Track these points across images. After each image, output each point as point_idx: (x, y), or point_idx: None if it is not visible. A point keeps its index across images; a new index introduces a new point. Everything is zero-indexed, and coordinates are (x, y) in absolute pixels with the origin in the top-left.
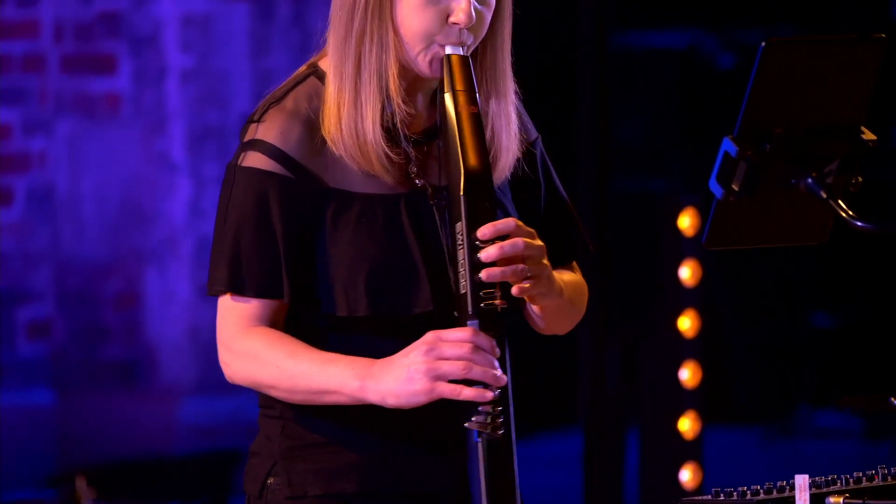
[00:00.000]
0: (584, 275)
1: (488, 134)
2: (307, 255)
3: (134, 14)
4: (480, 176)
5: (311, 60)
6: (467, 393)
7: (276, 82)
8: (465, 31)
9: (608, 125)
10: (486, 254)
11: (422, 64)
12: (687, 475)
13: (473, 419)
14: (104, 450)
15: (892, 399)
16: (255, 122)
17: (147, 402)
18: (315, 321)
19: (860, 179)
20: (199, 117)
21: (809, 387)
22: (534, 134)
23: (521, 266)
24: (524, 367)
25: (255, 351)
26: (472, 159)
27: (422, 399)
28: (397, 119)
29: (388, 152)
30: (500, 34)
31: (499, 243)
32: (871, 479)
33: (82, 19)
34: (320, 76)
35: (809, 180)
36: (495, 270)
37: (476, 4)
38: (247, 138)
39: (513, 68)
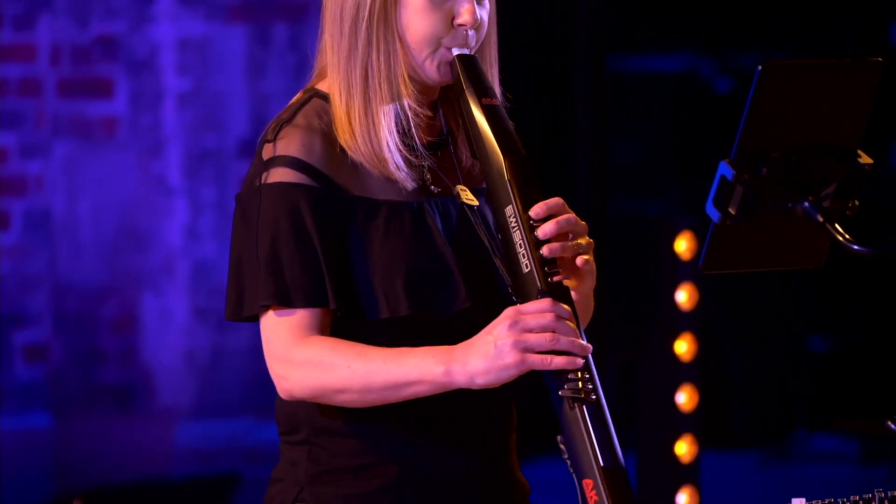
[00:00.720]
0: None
1: None
2: (344, 263)
3: (131, 38)
4: (520, 157)
5: (307, 86)
6: (558, 362)
7: (273, 105)
8: (471, 32)
9: (605, 148)
10: (544, 230)
11: (429, 69)
12: (684, 499)
13: (566, 387)
14: (101, 473)
15: (889, 423)
16: (270, 141)
17: (144, 426)
18: (356, 329)
19: (857, 203)
20: (196, 140)
21: (806, 411)
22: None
23: (575, 243)
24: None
25: (320, 357)
26: (508, 146)
27: (512, 373)
28: (412, 124)
29: (408, 156)
30: (488, 42)
31: (555, 219)
32: (868, 502)
33: (79, 43)
34: (322, 97)
35: (806, 204)
36: (556, 245)
37: (477, 7)
38: (266, 157)
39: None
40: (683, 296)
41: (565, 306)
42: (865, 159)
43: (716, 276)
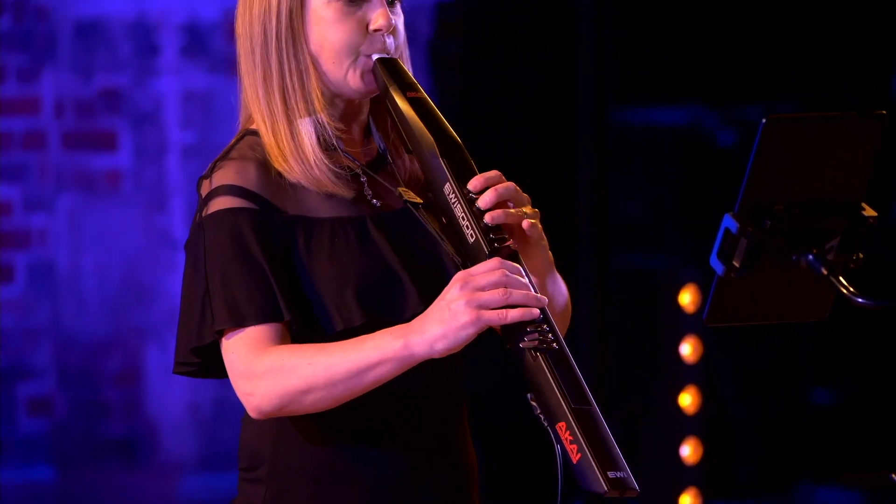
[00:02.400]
0: (583, 352)
1: None
2: (293, 280)
3: (134, 91)
4: (451, 139)
5: (240, 130)
6: (513, 314)
7: None
8: (388, 37)
9: (608, 201)
10: (484, 200)
11: (352, 80)
12: None
13: (526, 339)
14: None
15: (893, 476)
16: (206, 177)
17: (148, 479)
18: (314, 341)
19: (861, 256)
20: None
21: (810, 463)
22: None
23: (518, 210)
24: (525, 446)
25: (280, 362)
26: (437, 128)
27: (470, 332)
28: (331, 136)
29: (335, 169)
30: (404, 53)
31: (493, 188)
32: None
33: (83, 96)
34: (252, 133)
35: (810, 257)
36: (499, 212)
37: (390, 12)
38: (204, 193)
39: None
40: (688, 348)
41: (514, 264)
42: (869, 212)
43: (720, 329)
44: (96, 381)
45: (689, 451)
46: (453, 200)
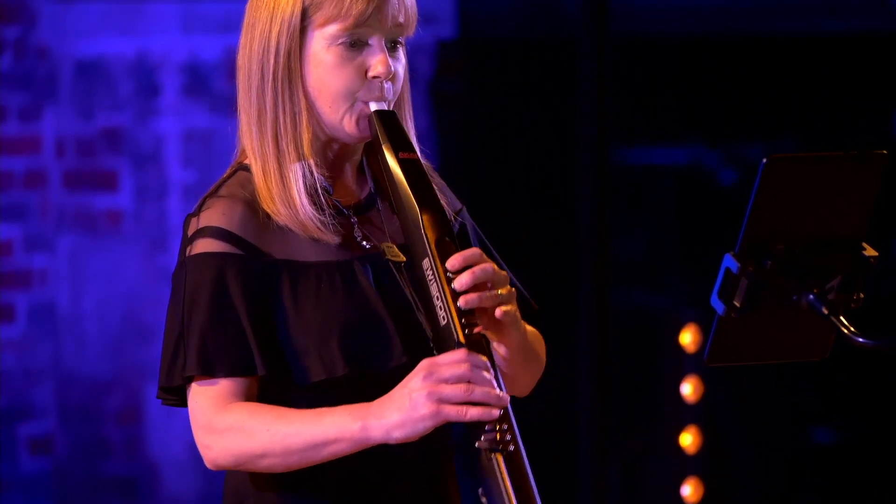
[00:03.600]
0: (584, 391)
1: None
2: (274, 328)
3: (135, 130)
4: (435, 211)
5: (234, 163)
6: (473, 413)
7: None
8: (386, 84)
9: (609, 240)
10: (460, 282)
11: (348, 126)
12: None
13: (483, 438)
14: None
15: None
16: (194, 215)
17: None
18: (288, 394)
19: (862, 296)
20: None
21: (812, 503)
22: (458, 204)
23: (494, 293)
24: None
25: (240, 422)
26: (424, 197)
27: (428, 424)
28: (317, 184)
29: (320, 216)
30: (404, 94)
31: (470, 270)
32: None
33: (84, 135)
34: (246, 169)
35: (811, 297)
36: (473, 296)
37: (390, 59)
38: (190, 232)
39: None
40: (688, 388)
41: (482, 357)
42: (870, 252)
43: (721, 369)
44: (97, 419)
45: (689, 490)
46: (430, 277)
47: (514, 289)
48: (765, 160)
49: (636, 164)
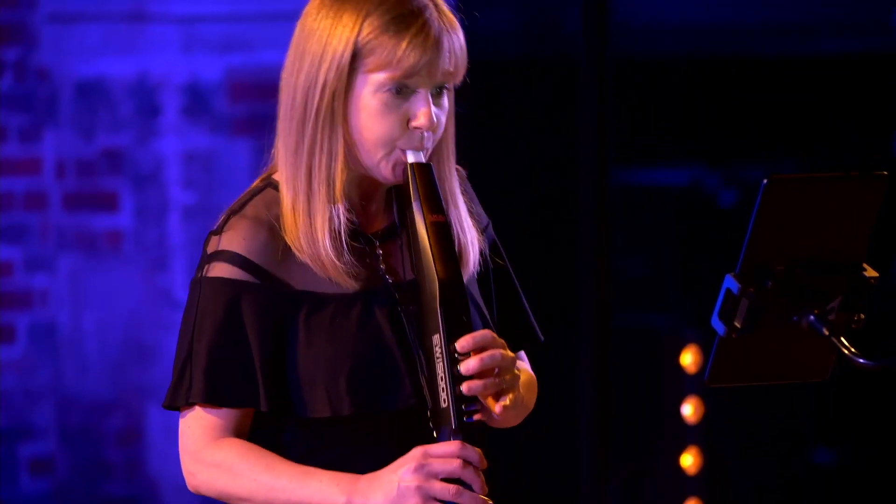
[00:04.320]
0: (584, 412)
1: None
2: (282, 361)
3: (136, 151)
4: (454, 287)
5: (264, 174)
6: None
7: None
8: (426, 134)
9: (609, 261)
10: (467, 367)
11: (385, 170)
12: None
13: None
14: None
15: None
16: (216, 233)
17: None
18: (291, 426)
19: (863, 316)
20: (201, 254)
21: None
22: (484, 220)
23: (498, 380)
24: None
25: (229, 463)
26: (445, 270)
27: None
28: (343, 227)
29: (336, 260)
30: (447, 136)
31: (478, 356)
32: None
33: (84, 156)
34: (275, 186)
35: (811, 317)
36: (477, 384)
37: (434, 108)
38: (210, 250)
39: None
40: (689, 409)
41: (476, 449)
42: (871, 272)
43: (721, 390)
44: (98, 440)
45: None
46: (437, 355)
47: (518, 372)
48: (765, 181)
49: (636, 185)
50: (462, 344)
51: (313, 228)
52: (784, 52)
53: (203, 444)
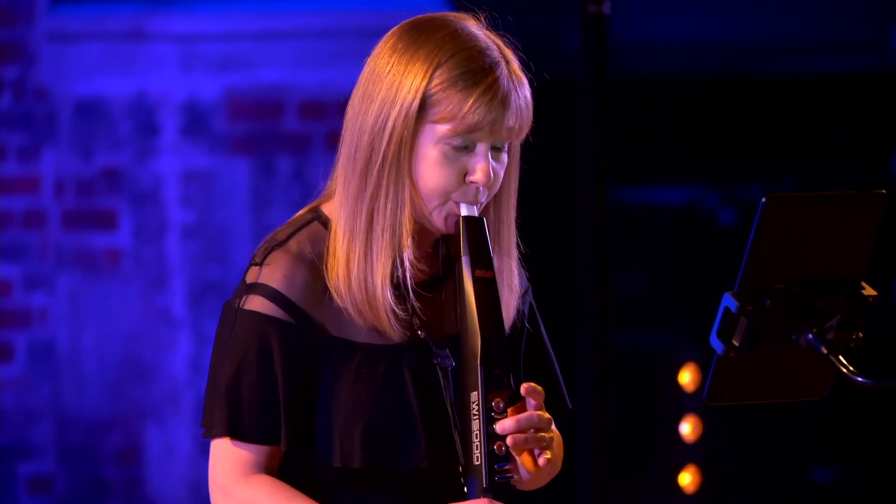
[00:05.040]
0: (583, 431)
1: None
2: (307, 403)
3: (135, 170)
4: (497, 345)
5: (313, 205)
6: None
7: None
8: (482, 188)
9: (608, 280)
10: (503, 426)
11: (437, 220)
12: None
13: None
14: None
15: None
16: (257, 264)
17: None
18: (312, 470)
19: (861, 335)
20: (199, 273)
21: None
22: (525, 284)
23: (534, 438)
24: None
25: (258, 501)
26: (489, 328)
27: None
28: (408, 275)
29: (396, 309)
30: (507, 189)
31: (515, 416)
32: None
33: (83, 175)
34: (322, 221)
35: (810, 336)
36: (511, 441)
37: (492, 163)
38: (249, 280)
39: (517, 223)
40: (687, 428)
41: None
42: (869, 291)
43: (720, 408)
44: (97, 459)
45: None
46: (474, 412)
47: (555, 433)
48: (764, 199)
49: (635, 204)
50: (500, 404)
51: (371, 273)
52: (783, 72)
53: (233, 478)
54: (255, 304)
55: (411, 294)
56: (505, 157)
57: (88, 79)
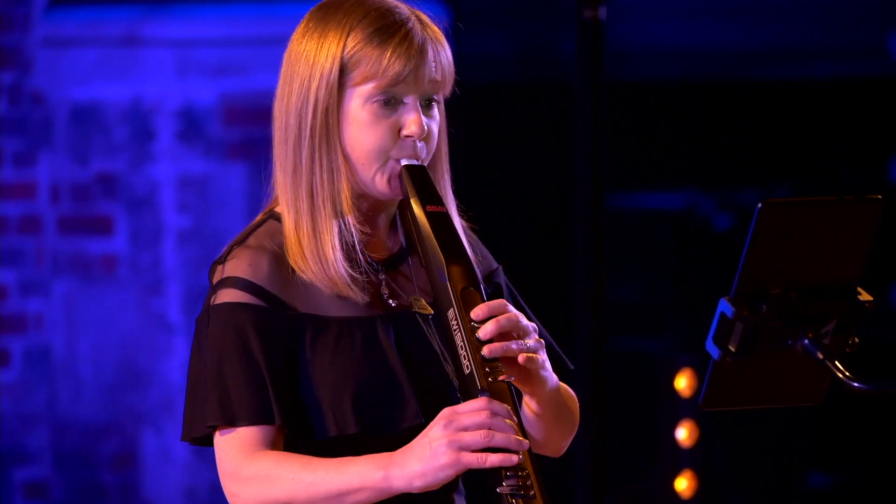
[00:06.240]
0: (579, 436)
1: None
2: (291, 382)
3: (130, 175)
4: (461, 261)
5: (266, 209)
6: (493, 459)
7: None
8: (419, 143)
9: (604, 285)
10: (485, 331)
11: (380, 184)
12: None
13: (505, 484)
14: None
15: None
16: (220, 263)
17: None
18: (307, 447)
19: (857, 340)
20: (195, 278)
21: None
22: (494, 264)
23: (520, 341)
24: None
25: (266, 471)
26: (449, 248)
27: (449, 473)
28: (355, 240)
29: (353, 273)
30: (439, 151)
31: (495, 319)
32: None
33: (79, 181)
34: (277, 218)
35: (806, 341)
36: (497, 345)
37: (424, 118)
38: (215, 280)
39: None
40: (684, 433)
41: (504, 404)
42: (865, 296)
43: (716, 414)
44: (93, 464)
45: None
46: (455, 327)
47: (541, 338)
48: (760, 204)
49: (631, 209)
50: (477, 312)
51: (320, 244)
52: (779, 77)
53: (239, 461)
54: (225, 296)
55: (368, 259)
56: (436, 113)
57: (84, 84)
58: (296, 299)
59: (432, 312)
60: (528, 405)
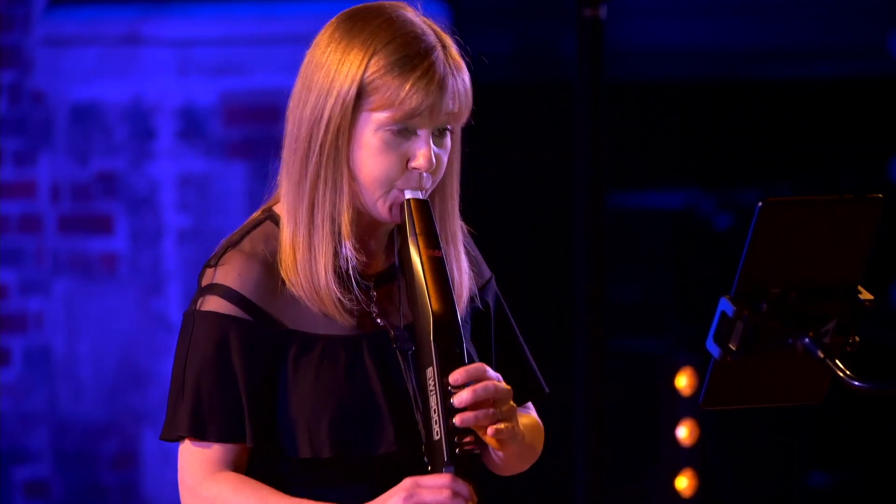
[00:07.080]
0: (579, 437)
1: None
2: (269, 398)
3: (131, 174)
4: (448, 321)
5: (266, 206)
6: None
7: None
8: (425, 174)
9: (604, 284)
10: (460, 398)
11: (381, 209)
12: None
13: None
14: None
15: None
16: (211, 266)
17: None
18: (278, 464)
19: (857, 339)
20: (195, 278)
21: None
22: (487, 273)
23: (492, 410)
24: None
25: (223, 497)
26: (439, 304)
27: None
28: (350, 264)
29: (341, 297)
30: (450, 174)
31: (472, 387)
32: None
33: (79, 180)
34: (275, 220)
35: (806, 340)
36: (469, 415)
37: (435, 148)
38: (204, 283)
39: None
40: (684, 432)
41: (466, 483)
42: (866, 295)
43: (716, 413)
44: (93, 464)
45: None
46: (431, 388)
47: (514, 405)
48: (760, 204)
49: (632, 209)
50: (455, 377)
51: (314, 262)
52: (779, 77)
53: (200, 477)
54: (212, 304)
55: (354, 283)
56: (448, 141)
57: (84, 83)
58: (282, 313)
59: (413, 348)
60: (494, 454)
